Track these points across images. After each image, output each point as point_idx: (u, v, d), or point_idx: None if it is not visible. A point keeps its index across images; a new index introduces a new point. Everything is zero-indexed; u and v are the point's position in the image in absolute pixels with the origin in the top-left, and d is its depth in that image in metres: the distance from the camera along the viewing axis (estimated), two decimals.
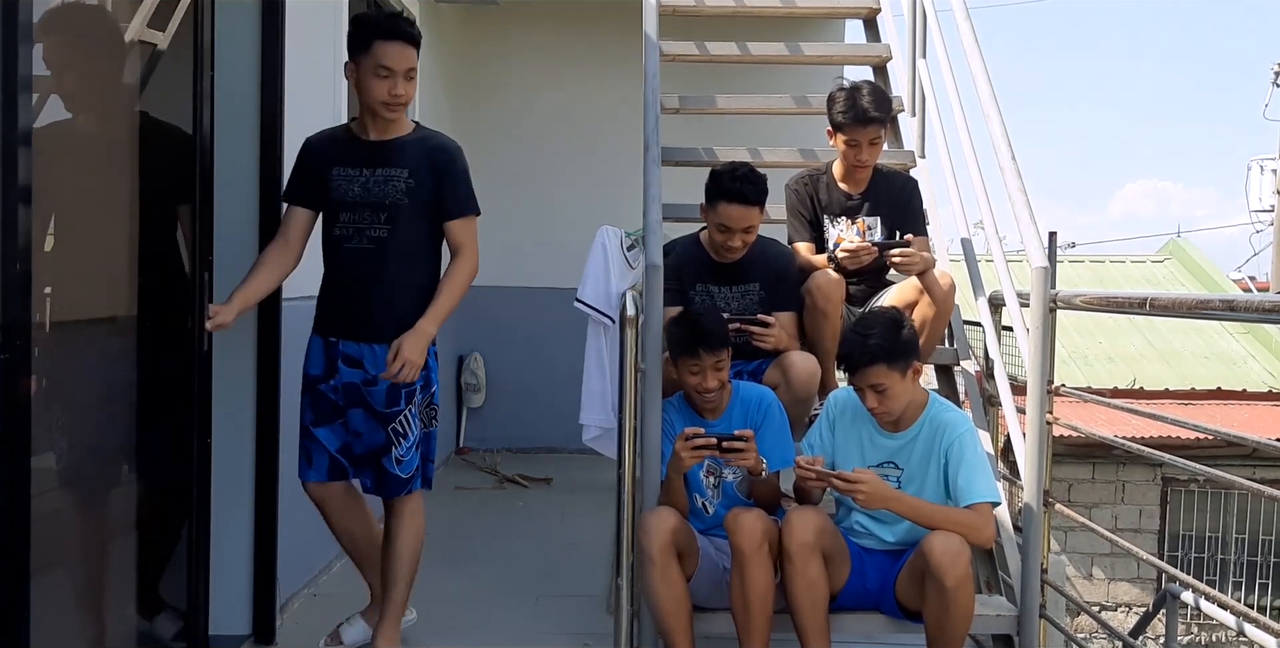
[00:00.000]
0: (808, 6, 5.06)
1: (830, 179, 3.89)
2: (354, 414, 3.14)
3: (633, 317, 3.11)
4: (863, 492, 2.85)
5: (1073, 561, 9.67)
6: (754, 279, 3.64)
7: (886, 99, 3.85)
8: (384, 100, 3.03)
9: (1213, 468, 2.93)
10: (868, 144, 3.75)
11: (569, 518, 5.26)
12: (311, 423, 3.18)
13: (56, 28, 2.49)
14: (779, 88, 5.74)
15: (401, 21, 3.11)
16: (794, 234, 3.91)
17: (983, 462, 3.01)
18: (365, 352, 3.11)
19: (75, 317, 2.68)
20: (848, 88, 3.79)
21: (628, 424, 3.12)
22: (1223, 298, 2.45)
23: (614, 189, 6.17)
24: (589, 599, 3.97)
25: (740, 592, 2.94)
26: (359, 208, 3.09)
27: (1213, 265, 13.92)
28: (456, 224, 3.19)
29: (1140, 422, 7.83)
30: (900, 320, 3.04)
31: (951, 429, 3.01)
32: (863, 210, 3.86)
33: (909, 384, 3.00)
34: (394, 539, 3.23)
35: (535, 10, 6.73)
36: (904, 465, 3.05)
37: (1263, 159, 16.90)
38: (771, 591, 2.96)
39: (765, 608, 2.95)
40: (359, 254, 3.10)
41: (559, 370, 3.95)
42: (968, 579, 2.83)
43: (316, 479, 3.22)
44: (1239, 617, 3.15)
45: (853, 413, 3.12)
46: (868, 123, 3.70)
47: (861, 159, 3.77)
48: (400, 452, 3.13)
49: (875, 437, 3.09)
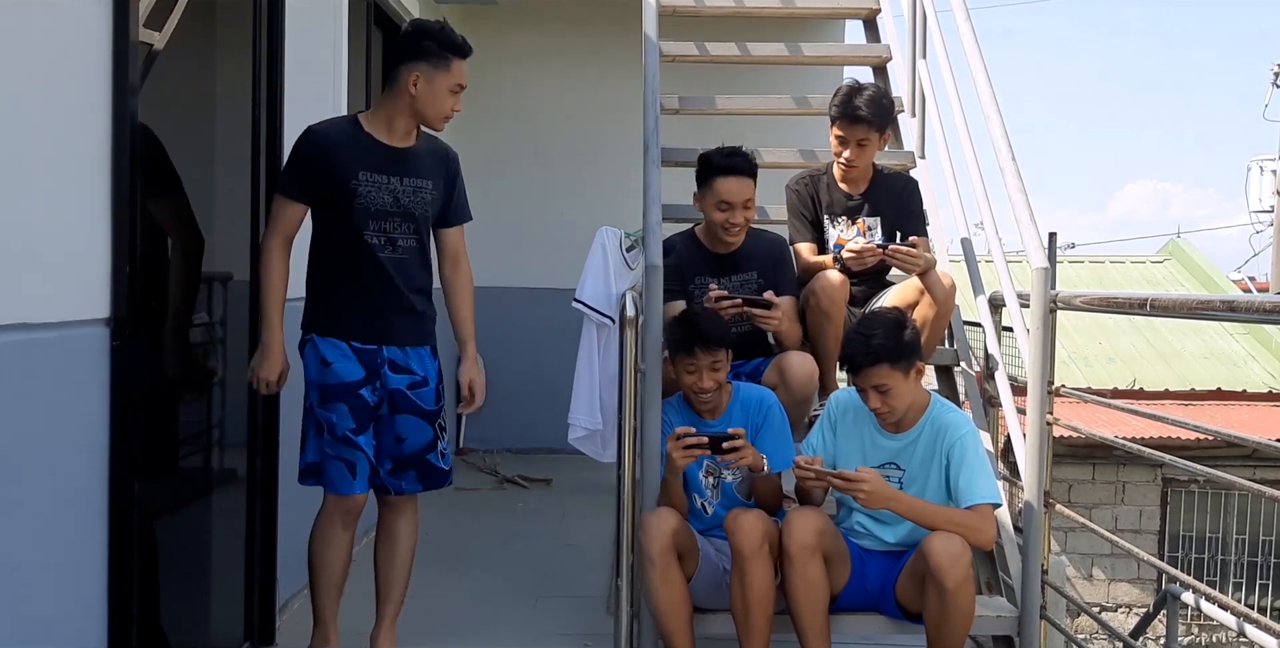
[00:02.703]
0: (807, 7, 5.05)
1: (830, 179, 3.89)
2: (402, 420, 3.11)
3: (633, 317, 3.11)
4: (864, 491, 2.85)
5: (1073, 561, 9.66)
6: (751, 268, 3.66)
7: (885, 106, 3.80)
8: (446, 115, 3.07)
9: (1213, 469, 2.92)
10: (855, 143, 3.73)
11: (569, 519, 5.26)
12: (353, 431, 3.02)
13: None
14: (779, 88, 5.74)
15: (454, 35, 3.11)
16: (795, 235, 3.91)
17: (984, 463, 3.01)
18: (412, 356, 3.12)
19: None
20: (854, 85, 3.80)
21: (628, 424, 3.12)
22: (1223, 299, 2.45)
23: (614, 190, 6.17)
24: (589, 600, 3.96)
25: (740, 593, 2.94)
26: (391, 217, 3.05)
27: (1213, 266, 13.92)
28: (456, 231, 3.24)
29: (1140, 422, 7.83)
30: (903, 321, 3.04)
31: (953, 430, 3.01)
32: (863, 211, 3.85)
33: (911, 384, 2.99)
34: (397, 539, 3.22)
35: (535, 10, 6.73)
36: (906, 466, 3.05)
37: (1262, 160, 16.91)
38: (772, 592, 2.95)
39: (765, 609, 2.95)
40: (397, 263, 3.07)
41: (559, 371, 3.95)
42: (968, 581, 2.83)
43: (361, 490, 3.06)
44: (1239, 618, 3.15)
45: (854, 414, 3.12)
46: (855, 121, 3.70)
47: (846, 157, 3.76)
48: (443, 445, 3.20)
49: (877, 438, 3.09)
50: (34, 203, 2.18)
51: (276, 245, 3.05)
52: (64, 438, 2.29)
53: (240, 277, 3.32)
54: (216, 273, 3.40)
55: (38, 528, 2.21)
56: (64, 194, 2.28)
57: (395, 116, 3.07)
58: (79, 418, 2.35)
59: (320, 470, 3.05)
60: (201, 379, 3.36)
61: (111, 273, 2.42)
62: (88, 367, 2.37)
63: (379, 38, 5.46)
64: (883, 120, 3.77)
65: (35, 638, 2.21)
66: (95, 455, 2.40)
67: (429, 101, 3.03)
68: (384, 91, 3.13)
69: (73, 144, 2.32)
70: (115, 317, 2.42)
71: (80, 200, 2.34)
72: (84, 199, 2.36)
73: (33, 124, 2.18)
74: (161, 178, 2.87)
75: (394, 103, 3.06)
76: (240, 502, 3.39)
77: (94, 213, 2.38)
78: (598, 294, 3.41)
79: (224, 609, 3.35)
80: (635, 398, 3.12)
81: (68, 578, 2.33)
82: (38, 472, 2.20)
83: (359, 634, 3.25)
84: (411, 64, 3.02)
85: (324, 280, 3.08)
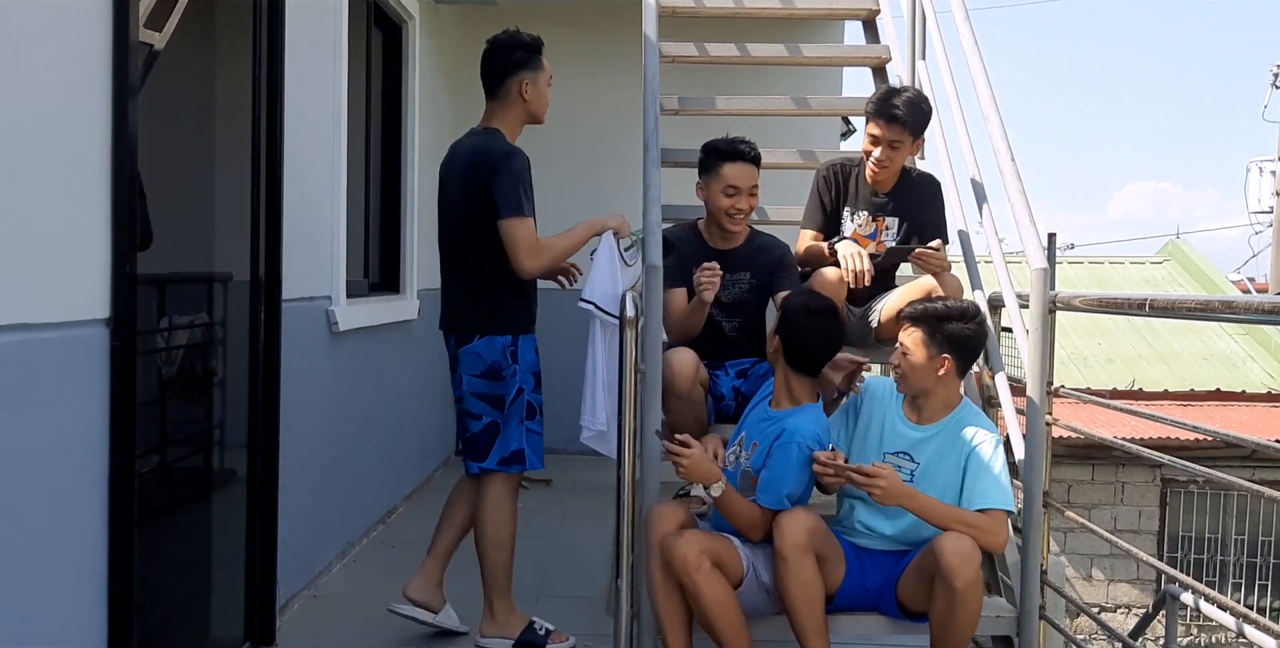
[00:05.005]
0: (807, 8, 5.05)
1: (862, 172, 3.86)
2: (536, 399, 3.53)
3: (632, 317, 3.11)
4: (880, 487, 2.85)
5: (1072, 562, 9.66)
6: (746, 269, 3.68)
7: (923, 111, 3.74)
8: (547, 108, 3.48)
9: (1212, 469, 2.92)
10: (887, 144, 3.69)
11: (569, 519, 5.26)
12: (540, 414, 3.50)
13: None
14: (778, 89, 5.75)
15: (527, 36, 3.49)
16: (805, 220, 3.90)
17: (1003, 472, 3.00)
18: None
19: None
20: (895, 86, 3.80)
21: (628, 425, 3.11)
22: (1222, 299, 2.45)
23: (613, 190, 6.16)
24: (589, 600, 3.96)
25: (698, 606, 2.93)
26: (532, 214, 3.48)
27: (1212, 267, 13.93)
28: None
29: (1139, 423, 7.83)
30: (969, 313, 3.06)
31: (977, 438, 3.01)
32: (886, 209, 3.84)
33: (933, 371, 3.01)
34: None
35: (535, 10, 6.71)
36: (919, 460, 3.04)
37: (1262, 160, 16.90)
38: (733, 600, 2.94)
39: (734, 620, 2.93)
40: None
41: (559, 372, 3.95)
42: (977, 582, 2.83)
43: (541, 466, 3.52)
44: (1238, 618, 3.14)
45: (881, 398, 3.14)
46: (889, 121, 3.66)
47: (876, 157, 3.72)
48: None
49: (898, 425, 3.10)
50: (34, 203, 2.18)
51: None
52: (64, 438, 2.29)
53: (240, 277, 3.32)
54: (217, 273, 3.41)
55: (38, 528, 2.21)
56: (64, 194, 2.28)
57: (516, 125, 3.47)
58: (79, 418, 2.35)
59: (523, 456, 3.44)
60: (200, 379, 3.36)
61: (111, 273, 2.42)
62: (88, 367, 2.37)
63: (379, 38, 5.46)
64: (918, 124, 3.72)
65: (35, 638, 2.21)
66: (95, 456, 2.41)
67: (538, 100, 3.45)
68: (495, 105, 3.45)
69: (73, 144, 2.32)
70: (115, 317, 2.43)
71: (80, 201, 2.35)
72: (84, 199, 2.36)
73: (33, 124, 2.18)
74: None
75: (508, 112, 3.44)
76: (240, 502, 3.39)
77: (94, 213, 2.38)
78: (605, 294, 3.41)
79: (224, 609, 3.35)
80: (635, 398, 3.12)
81: (68, 578, 2.33)
82: (38, 472, 2.20)
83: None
84: (516, 74, 3.41)
85: (511, 285, 3.41)
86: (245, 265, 3.30)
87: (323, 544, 4.22)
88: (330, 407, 4.21)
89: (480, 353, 3.39)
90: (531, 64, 3.42)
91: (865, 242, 3.81)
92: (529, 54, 3.42)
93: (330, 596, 4.02)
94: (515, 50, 3.42)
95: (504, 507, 3.45)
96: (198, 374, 3.34)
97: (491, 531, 3.44)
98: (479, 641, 3.47)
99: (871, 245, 3.79)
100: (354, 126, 4.62)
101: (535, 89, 3.42)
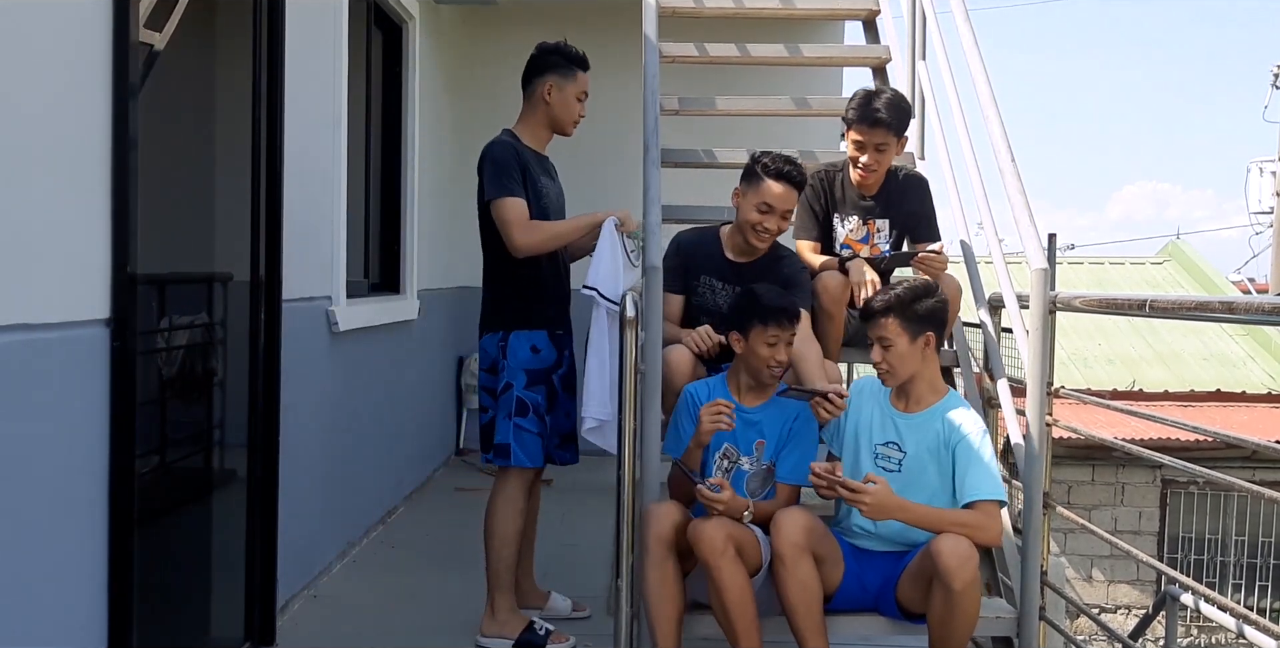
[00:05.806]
0: (807, 8, 5.04)
1: (846, 176, 3.85)
2: (566, 398, 3.59)
3: (632, 317, 3.10)
4: (866, 503, 2.84)
5: (1072, 563, 9.67)
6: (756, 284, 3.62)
7: (904, 110, 3.75)
8: (575, 120, 3.59)
9: (1212, 470, 2.92)
10: (873, 148, 3.69)
11: (569, 518, 5.26)
12: (546, 411, 3.50)
13: None
14: (778, 89, 5.74)
15: (574, 50, 3.61)
16: (799, 231, 3.87)
17: (992, 461, 3.01)
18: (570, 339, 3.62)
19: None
20: (872, 90, 3.78)
21: (628, 425, 3.11)
22: (1222, 300, 2.44)
23: (613, 190, 6.14)
24: (589, 600, 3.96)
25: (716, 592, 2.93)
26: (557, 215, 3.61)
27: (1212, 267, 13.94)
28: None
29: (1140, 424, 7.83)
30: (932, 289, 3.08)
31: (964, 425, 3.02)
32: (875, 212, 3.83)
33: (918, 352, 3.03)
34: (535, 517, 3.76)
35: (534, 11, 6.72)
36: (907, 449, 3.06)
37: (1262, 161, 16.92)
38: (751, 592, 2.94)
39: (750, 611, 2.94)
40: (558, 258, 3.60)
41: None
42: (975, 582, 2.83)
43: (542, 464, 3.56)
44: (1238, 619, 3.14)
45: (870, 394, 3.15)
46: (874, 124, 3.66)
47: (864, 162, 3.73)
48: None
49: (886, 416, 3.11)
50: (34, 203, 2.18)
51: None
52: (64, 438, 2.29)
53: (240, 277, 3.32)
54: (217, 273, 3.41)
55: (38, 528, 2.21)
56: (64, 194, 2.29)
57: (538, 127, 3.57)
58: (79, 418, 2.35)
59: (508, 450, 3.46)
60: (200, 379, 3.36)
61: (111, 273, 2.42)
62: (88, 367, 2.37)
63: (379, 38, 5.46)
64: (901, 124, 3.72)
65: (35, 638, 2.21)
66: (95, 456, 2.40)
67: (562, 107, 3.54)
68: (524, 107, 3.58)
69: (73, 144, 2.32)
70: (115, 317, 2.43)
71: (80, 200, 2.35)
72: (84, 199, 2.36)
73: (33, 124, 2.18)
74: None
75: (531, 113, 3.56)
76: (240, 502, 3.39)
77: (94, 213, 2.38)
78: (608, 281, 3.40)
79: (224, 609, 3.35)
80: (635, 398, 3.11)
81: (68, 579, 2.33)
82: (38, 472, 2.20)
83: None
84: (545, 76, 3.52)
85: (512, 283, 3.49)
86: (245, 265, 3.30)
87: (323, 544, 4.22)
88: (330, 407, 4.21)
89: (485, 348, 3.57)
90: (564, 71, 3.53)
91: (858, 246, 3.82)
92: (564, 60, 3.54)
93: (330, 596, 4.02)
94: (553, 55, 3.55)
95: (513, 502, 3.51)
96: (198, 374, 3.34)
97: (498, 525, 3.50)
98: (479, 640, 3.47)
99: (865, 249, 3.80)
100: (354, 127, 4.62)
101: (560, 94, 3.52)
